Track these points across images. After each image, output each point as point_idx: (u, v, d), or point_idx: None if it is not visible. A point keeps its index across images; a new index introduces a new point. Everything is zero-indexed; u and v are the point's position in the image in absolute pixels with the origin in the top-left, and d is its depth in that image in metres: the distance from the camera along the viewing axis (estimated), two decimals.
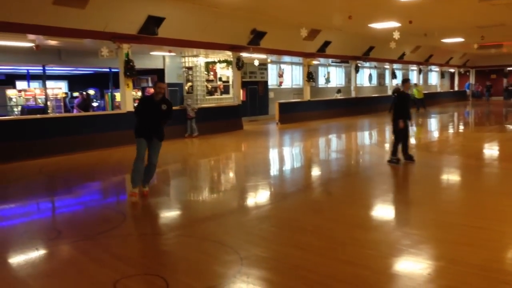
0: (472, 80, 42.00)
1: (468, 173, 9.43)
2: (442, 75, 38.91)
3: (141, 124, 7.04)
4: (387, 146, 14.36)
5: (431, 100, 33.19)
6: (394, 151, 9.77)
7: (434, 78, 40.31)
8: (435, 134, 17.47)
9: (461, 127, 19.98)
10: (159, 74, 21.26)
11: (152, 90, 7.82)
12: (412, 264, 4.48)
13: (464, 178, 9.01)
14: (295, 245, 5.05)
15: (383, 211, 6.66)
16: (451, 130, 18.73)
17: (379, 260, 4.54)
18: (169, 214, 6.78)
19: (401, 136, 9.62)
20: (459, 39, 24.87)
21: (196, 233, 5.55)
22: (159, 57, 21.08)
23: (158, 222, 6.19)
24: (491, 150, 12.70)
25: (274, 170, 10.58)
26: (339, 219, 6.08)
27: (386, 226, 5.81)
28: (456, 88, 40.47)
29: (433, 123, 21.82)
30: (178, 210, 6.96)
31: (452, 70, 40.09)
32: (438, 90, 38.04)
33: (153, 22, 13.60)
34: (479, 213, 6.19)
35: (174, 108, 7.49)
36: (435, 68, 37.84)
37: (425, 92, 33.99)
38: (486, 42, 26.05)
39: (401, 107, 9.57)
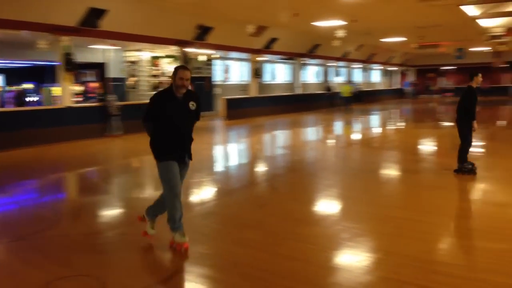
0: (411, 78, 43.73)
1: (405, 167, 9.78)
2: (384, 73, 40.25)
3: (164, 137, 4.63)
4: (332, 142, 14.68)
5: (372, 97, 34.25)
6: (464, 158, 8.18)
7: (376, 76, 41.55)
8: (375, 131, 18.02)
9: (399, 124, 20.70)
10: (101, 68, 20.62)
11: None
12: (351, 257, 4.59)
13: (401, 173, 9.35)
14: (237, 242, 5.05)
15: (325, 206, 6.78)
16: (389, 127, 19.37)
17: (318, 254, 4.62)
18: (109, 213, 6.59)
19: (470, 140, 8.12)
20: (400, 39, 25.77)
21: (137, 232, 5.41)
22: (101, 51, 20.44)
23: (97, 221, 6.00)
24: (426, 146, 13.26)
25: (219, 166, 10.54)
26: (282, 214, 6.13)
27: (327, 220, 5.92)
28: (395, 86, 41.94)
29: (373, 120, 22.52)
30: (118, 209, 6.78)
31: (393, 68, 41.51)
32: (379, 88, 39.27)
33: (95, 14, 13.19)
34: (415, 206, 6.43)
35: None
36: (377, 67, 39.03)
37: (368, 89, 35.07)
38: (425, 42, 27.14)
39: (471, 105, 7.90)
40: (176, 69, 4.61)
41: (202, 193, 7.60)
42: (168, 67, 21.65)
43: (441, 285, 3.85)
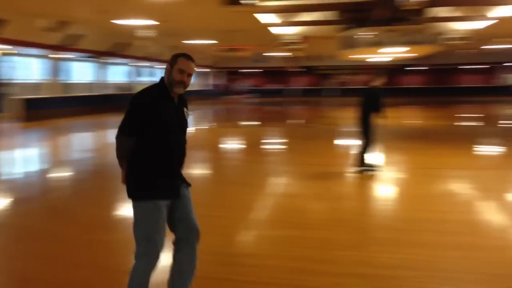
0: (219, 80, 45.84)
1: (210, 165, 10.09)
2: (195, 74, 41.16)
3: (153, 159, 3.08)
4: None
5: (187, 97, 34.77)
6: (364, 158, 8.20)
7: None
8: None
9: (206, 124, 21.37)
10: None
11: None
12: None
13: (208, 171, 9.61)
14: (23, 255, 4.53)
15: (125, 209, 6.47)
16: (197, 126, 19.83)
17: (116, 259, 4.42)
18: None
19: (373, 139, 8.15)
20: (209, 41, 26.64)
21: None
22: None
23: None
24: (231, 144, 13.94)
25: (11, 174, 9.40)
26: (79, 222, 5.69)
27: (126, 223, 5.69)
28: (205, 88, 43.31)
29: None
30: None
31: (203, 70, 42.77)
32: (190, 88, 40.08)
33: None
34: (220, 203, 6.64)
35: None
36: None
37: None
38: (228, 46, 28.54)
39: (380, 104, 7.98)
40: (176, 57, 3.12)
41: None
42: None
43: (238, 275, 4.04)
